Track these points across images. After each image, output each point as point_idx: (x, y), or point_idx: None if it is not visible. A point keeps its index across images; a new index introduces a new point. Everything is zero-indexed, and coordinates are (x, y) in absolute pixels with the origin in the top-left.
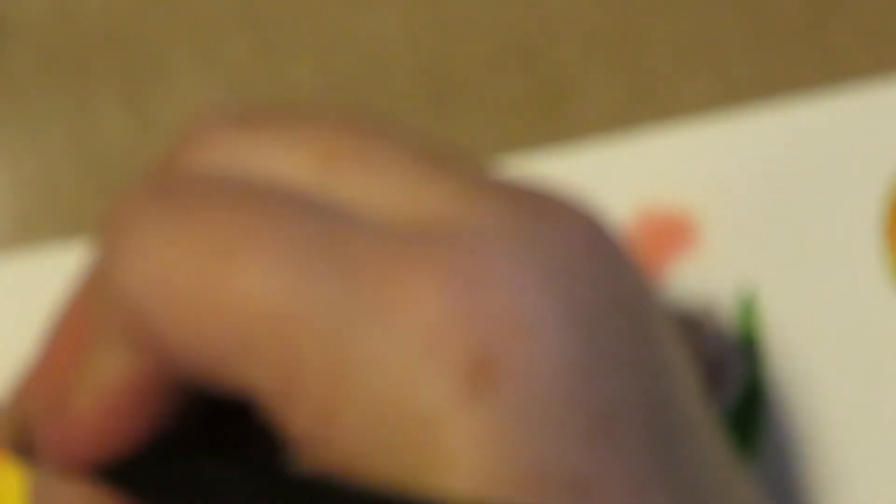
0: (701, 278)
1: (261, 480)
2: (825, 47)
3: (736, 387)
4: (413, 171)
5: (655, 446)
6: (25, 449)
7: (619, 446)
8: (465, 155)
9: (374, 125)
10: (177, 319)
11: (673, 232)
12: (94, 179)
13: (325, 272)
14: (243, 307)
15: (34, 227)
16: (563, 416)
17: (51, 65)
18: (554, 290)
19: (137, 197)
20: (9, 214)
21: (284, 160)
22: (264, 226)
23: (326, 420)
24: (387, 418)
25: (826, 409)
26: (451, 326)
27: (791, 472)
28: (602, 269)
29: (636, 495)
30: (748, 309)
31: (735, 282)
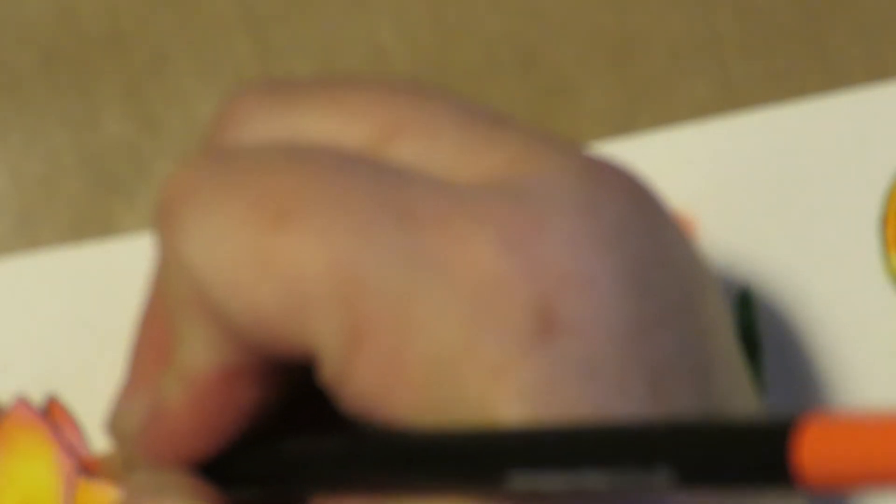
0: None
1: (347, 446)
2: (823, 50)
3: None
4: (471, 131)
5: (700, 403)
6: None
7: (667, 403)
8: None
9: (425, 89)
10: (235, 284)
11: None
12: (94, 179)
13: (384, 225)
14: (299, 266)
15: (35, 227)
16: (617, 371)
17: (51, 64)
18: (610, 249)
19: (185, 174)
20: (9, 214)
21: (337, 131)
22: (316, 184)
23: (391, 373)
24: (450, 370)
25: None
26: (512, 280)
27: None
28: (653, 231)
29: None
30: (746, 310)
31: (733, 283)
